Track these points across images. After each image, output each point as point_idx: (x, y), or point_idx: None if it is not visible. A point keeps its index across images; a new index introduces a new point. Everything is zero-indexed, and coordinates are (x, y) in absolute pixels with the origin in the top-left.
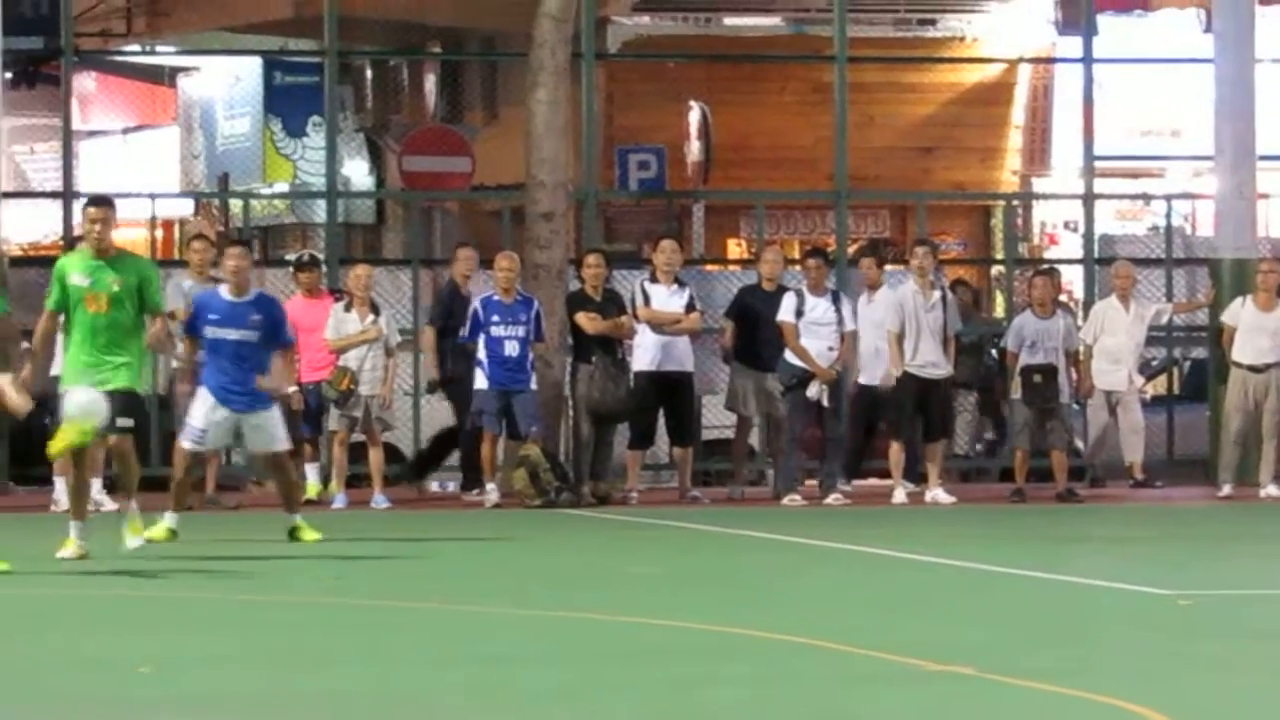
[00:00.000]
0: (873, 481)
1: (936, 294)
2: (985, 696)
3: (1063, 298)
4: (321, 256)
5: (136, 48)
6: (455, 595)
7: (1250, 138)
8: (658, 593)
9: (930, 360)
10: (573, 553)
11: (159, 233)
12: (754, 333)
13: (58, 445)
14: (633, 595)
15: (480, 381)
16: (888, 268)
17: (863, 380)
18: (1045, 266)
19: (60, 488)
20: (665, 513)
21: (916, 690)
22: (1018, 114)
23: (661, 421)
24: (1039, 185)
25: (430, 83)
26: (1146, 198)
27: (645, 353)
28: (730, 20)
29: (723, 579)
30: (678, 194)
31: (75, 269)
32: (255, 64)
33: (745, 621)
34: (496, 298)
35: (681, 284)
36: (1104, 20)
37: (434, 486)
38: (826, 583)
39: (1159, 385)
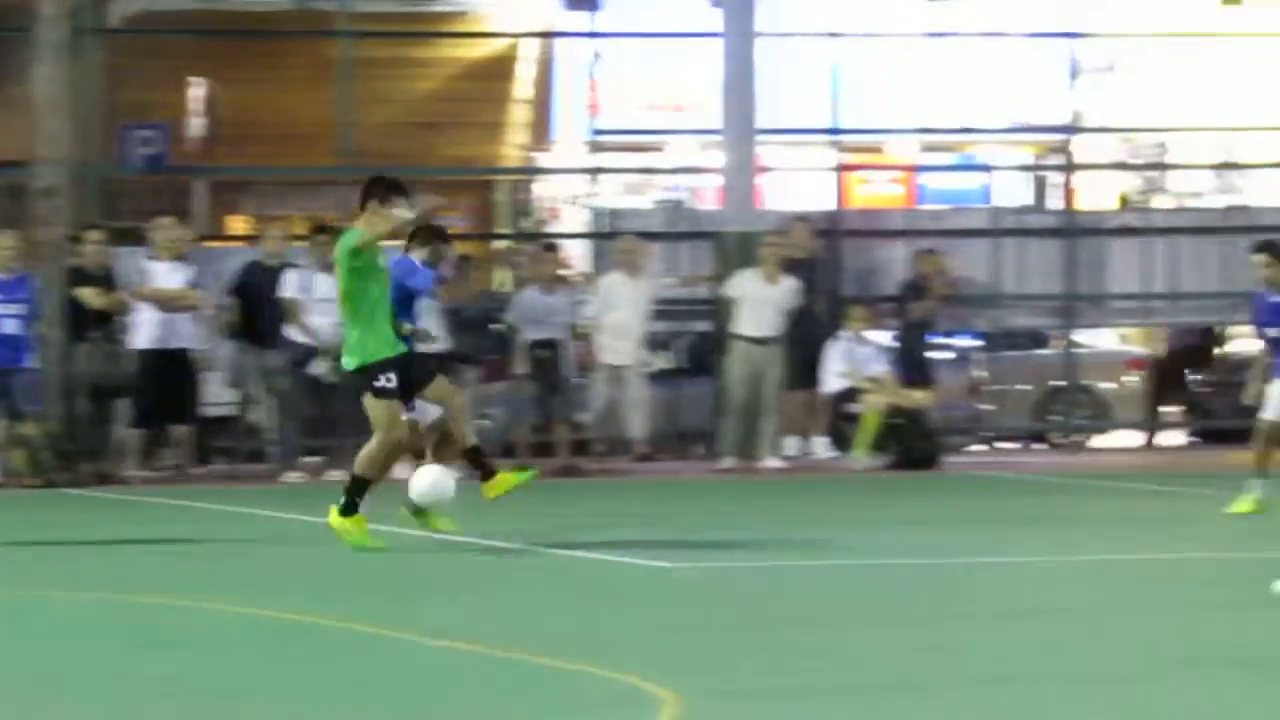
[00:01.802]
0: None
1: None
2: (483, 667)
3: (567, 272)
4: None
5: None
6: None
7: (753, 112)
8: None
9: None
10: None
11: None
12: (256, 309)
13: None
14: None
15: None
16: None
17: None
18: (550, 241)
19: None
20: (166, 491)
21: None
22: (522, 89)
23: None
24: (543, 160)
25: None
26: (651, 172)
27: (146, 330)
28: None
29: (206, 555)
30: (181, 170)
31: None
32: None
33: (214, 594)
34: None
35: (183, 260)
36: None
37: None
38: (320, 559)
39: (663, 359)
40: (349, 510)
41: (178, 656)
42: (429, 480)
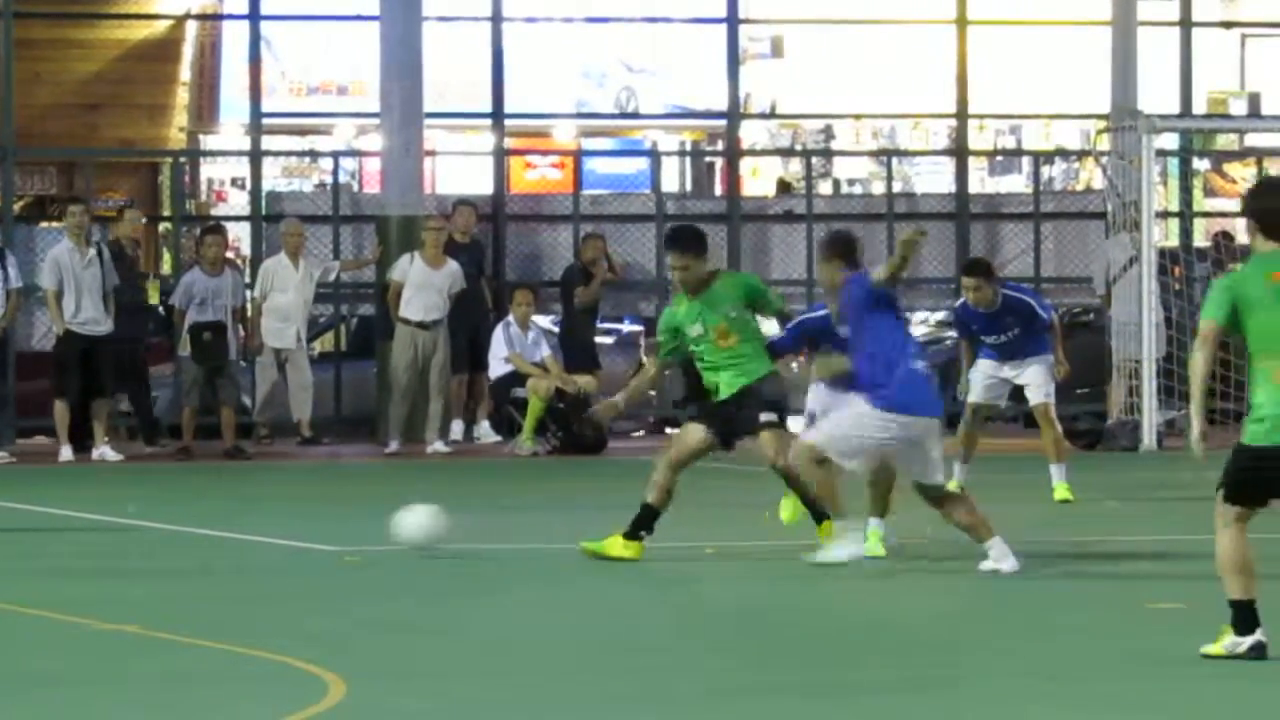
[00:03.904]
0: (39, 440)
1: (92, 251)
2: (155, 654)
3: (230, 254)
4: None
5: None
6: None
7: (418, 95)
8: None
9: (92, 317)
10: None
11: None
12: None
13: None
14: None
15: None
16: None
17: None
18: (214, 224)
19: None
20: None
21: (84, 648)
22: (186, 71)
23: None
24: (207, 142)
25: None
26: (314, 154)
27: None
28: None
29: None
30: None
31: None
32: None
33: None
34: None
35: None
36: None
37: None
38: None
39: (326, 342)
40: None
41: None
42: None
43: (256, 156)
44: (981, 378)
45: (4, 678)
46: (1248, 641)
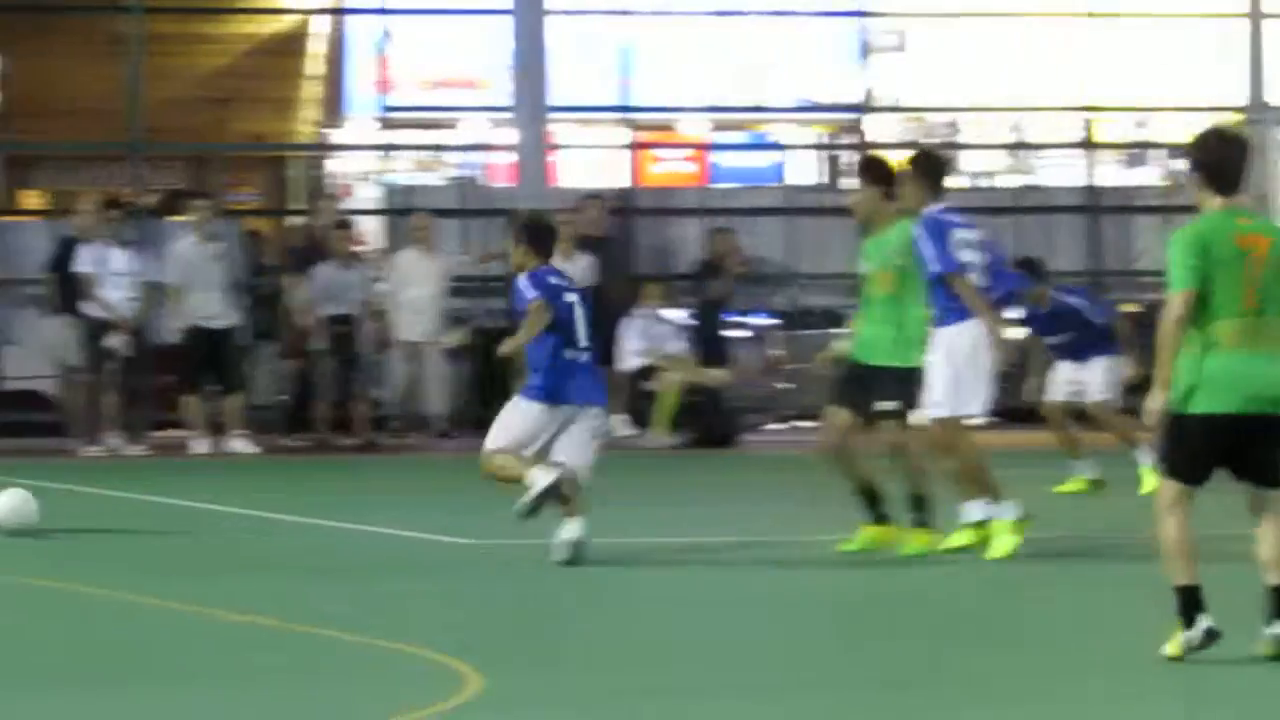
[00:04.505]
0: (172, 432)
1: (217, 245)
2: (289, 647)
3: (361, 248)
4: None
5: None
6: None
7: (545, 90)
8: None
9: (216, 311)
10: None
11: None
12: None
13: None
14: None
15: None
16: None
17: None
18: (343, 218)
19: None
20: None
21: (215, 642)
22: (313, 65)
23: None
24: (335, 136)
25: None
26: (443, 149)
27: None
28: None
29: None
30: None
31: None
32: None
33: (51, 575)
34: None
35: None
36: None
37: None
38: (124, 539)
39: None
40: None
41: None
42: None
43: (386, 151)
44: (1061, 378)
45: (146, 672)
46: (1199, 631)
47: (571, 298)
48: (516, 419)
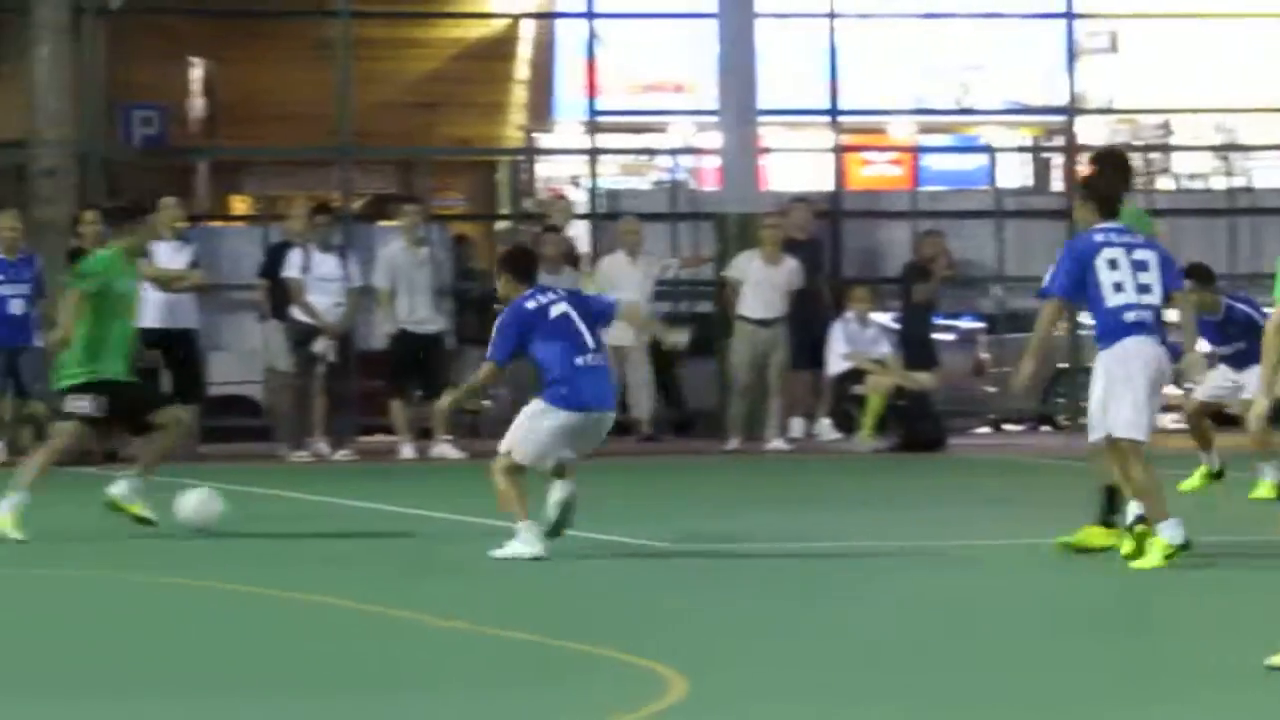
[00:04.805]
0: (379, 438)
1: (425, 250)
2: (488, 651)
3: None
4: None
5: None
6: None
7: (752, 93)
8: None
9: (424, 316)
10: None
11: None
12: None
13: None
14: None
15: None
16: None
17: None
18: (552, 222)
19: None
20: (173, 469)
21: (417, 646)
22: (521, 69)
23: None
24: (543, 140)
25: None
26: (651, 153)
27: (149, 310)
28: None
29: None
30: (181, 151)
31: None
32: None
33: (256, 581)
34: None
35: (185, 241)
36: None
37: None
38: (338, 543)
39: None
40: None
41: (180, 630)
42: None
43: (593, 155)
44: (1218, 377)
45: (355, 679)
46: None
47: (561, 309)
48: (544, 427)
